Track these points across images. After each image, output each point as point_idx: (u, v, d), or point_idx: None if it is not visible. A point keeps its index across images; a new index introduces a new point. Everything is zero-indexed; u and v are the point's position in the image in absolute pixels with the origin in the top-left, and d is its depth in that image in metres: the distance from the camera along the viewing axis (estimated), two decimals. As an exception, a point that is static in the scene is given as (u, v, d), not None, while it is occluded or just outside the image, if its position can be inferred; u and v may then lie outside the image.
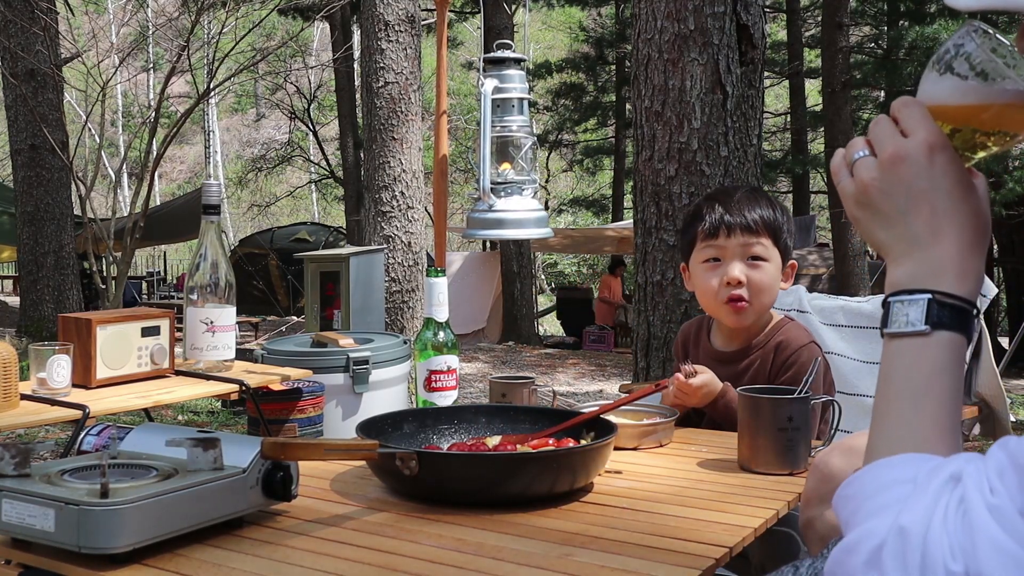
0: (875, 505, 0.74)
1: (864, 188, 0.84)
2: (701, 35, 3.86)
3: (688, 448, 1.70)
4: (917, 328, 0.80)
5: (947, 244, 0.81)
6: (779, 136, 19.31)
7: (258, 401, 2.15)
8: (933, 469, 0.73)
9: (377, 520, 1.27)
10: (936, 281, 0.81)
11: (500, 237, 2.18)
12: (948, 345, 0.80)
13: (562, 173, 25.19)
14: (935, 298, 0.80)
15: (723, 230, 1.92)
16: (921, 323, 0.80)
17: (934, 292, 0.80)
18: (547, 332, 16.80)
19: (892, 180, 0.83)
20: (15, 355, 1.89)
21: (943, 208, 0.81)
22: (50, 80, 9.89)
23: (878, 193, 0.84)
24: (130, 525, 1.07)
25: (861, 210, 0.85)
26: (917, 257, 0.82)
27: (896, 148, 0.83)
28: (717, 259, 1.94)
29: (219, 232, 2.13)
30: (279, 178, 28.42)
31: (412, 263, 6.89)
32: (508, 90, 2.13)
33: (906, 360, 0.81)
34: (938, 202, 0.81)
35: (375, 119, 6.88)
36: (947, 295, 0.80)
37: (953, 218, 0.81)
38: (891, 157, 0.83)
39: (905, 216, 0.82)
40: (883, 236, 0.84)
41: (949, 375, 0.80)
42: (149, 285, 17.06)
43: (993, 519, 0.65)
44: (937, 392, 0.80)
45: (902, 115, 0.84)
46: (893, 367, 0.82)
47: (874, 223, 0.85)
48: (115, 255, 7.45)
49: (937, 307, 0.80)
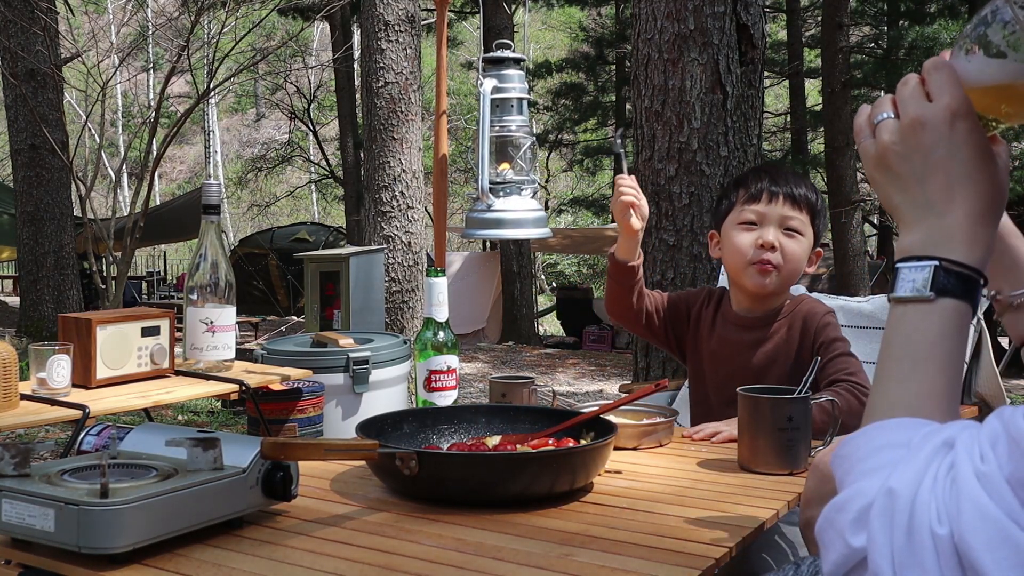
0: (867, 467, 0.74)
1: (884, 150, 0.85)
2: (701, 35, 3.86)
3: (688, 448, 1.71)
4: (922, 294, 0.81)
5: (959, 212, 0.81)
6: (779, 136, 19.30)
7: (258, 401, 2.16)
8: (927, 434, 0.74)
9: (377, 520, 1.27)
10: (945, 248, 0.81)
11: (498, 237, 2.18)
12: (952, 312, 0.81)
13: (562, 173, 25.18)
14: (942, 265, 0.81)
15: (767, 195, 1.96)
16: (927, 289, 0.80)
17: (942, 259, 0.81)
18: (547, 332, 16.80)
19: (911, 145, 0.83)
20: (15, 355, 1.89)
21: (959, 176, 0.81)
22: (50, 80, 9.89)
23: (896, 157, 0.84)
24: (130, 525, 1.07)
25: (879, 172, 0.86)
26: (928, 224, 0.82)
27: (918, 113, 0.83)
28: (754, 223, 1.97)
29: (219, 232, 2.13)
30: (279, 178, 28.42)
31: (412, 263, 6.89)
32: (507, 90, 2.13)
33: (909, 325, 0.82)
34: (954, 169, 0.81)
35: (375, 119, 6.88)
36: (954, 263, 0.81)
37: (968, 187, 0.82)
38: (912, 122, 0.83)
39: (921, 182, 0.83)
40: (898, 200, 0.85)
41: (952, 341, 0.81)
42: (149, 285, 17.05)
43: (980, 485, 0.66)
44: (938, 358, 0.80)
45: (931, 78, 0.83)
46: (896, 331, 0.83)
47: (891, 186, 0.85)
48: (115, 255, 7.45)
49: (943, 274, 0.80)
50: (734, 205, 2.01)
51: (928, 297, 0.80)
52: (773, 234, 1.95)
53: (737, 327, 2.01)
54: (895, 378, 0.81)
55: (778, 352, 1.95)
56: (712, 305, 2.08)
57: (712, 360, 2.03)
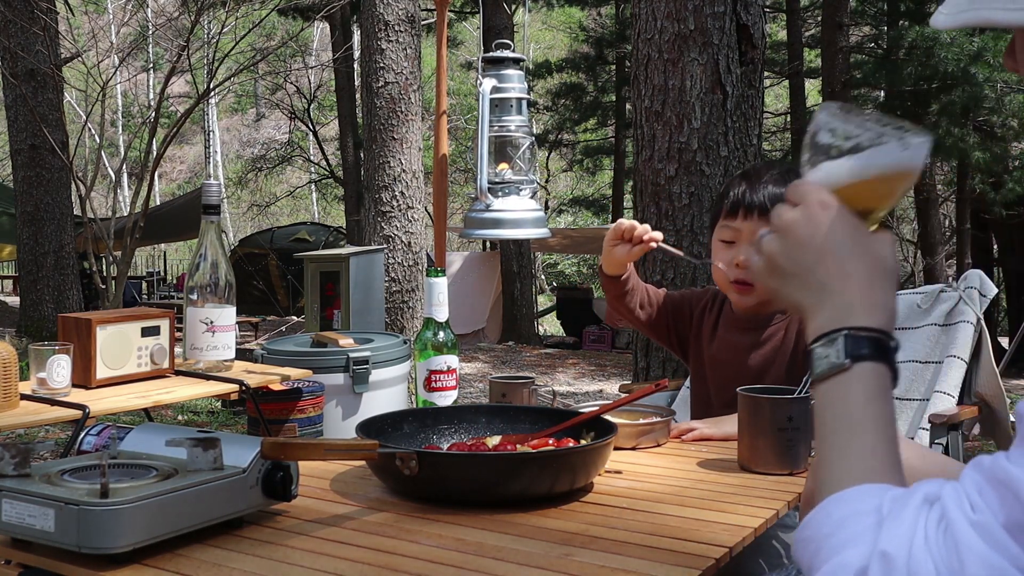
0: (838, 541, 0.74)
1: (772, 258, 0.89)
2: (701, 35, 3.86)
3: (688, 448, 1.71)
4: (838, 364, 0.83)
5: (854, 286, 0.85)
6: (779, 136, 19.29)
7: (258, 401, 2.16)
8: (897, 497, 0.74)
9: (377, 520, 1.27)
10: (849, 319, 0.84)
11: (497, 237, 2.18)
12: (872, 375, 0.83)
13: (562, 173, 25.18)
14: (850, 333, 0.83)
15: (742, 210, 1.92)
16: (841, 358, 0.83)
17: (848, 328, 0.84)
18: (547, 332, 16.80)
19: (793, 243, 0.88)
20: (15, 355, 1.89)
21: (844, 254, 0.86)
22: (50, 80, 9.89)
23: (784, 259, 0.89)
24: (130, 525, 1.07)
25: (775, 279, 0.90)
26: (829, 304, 0.86)
27: (790, 216, 0.88)
28: (732, 241, 1.95)
29: (219, 232, 2.13)
30: (279, 178, 28.42)
31: (412, 263, 6.89)
32: (507, 90, 2.13)
33: (835, 398, 0.83)
34: (838, 250, 0.86)
35: (375, 119, 6.88)
36: (860, 328, 0.84)
37: (855, 261, 0.86)
38: (787, 224, 0.88)
39: (812, 271, 0.87)
40: (798, 296, 0.88)
41: (879, 403, 0.82)
42: (149, 285, 17.05)
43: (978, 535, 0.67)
44: (871, 422, 0.82)
45: (792, 193, 0.90)
46: (826, 409, 0.84)
47: (788, 286, 0.89)
48: (115, 255, 7.45)
49: (853, 340, 0.83)
50: (719, 217, 2.00)
51: (845, 365, 0.82)
52: (746, 253, 1.92)
53: (738, 330, 2.01)
54: (836, 452, 0.82)
55: (777, 354, 1.96)
56: (715, 308, 2.08)
57: (713, 362, 2.04)
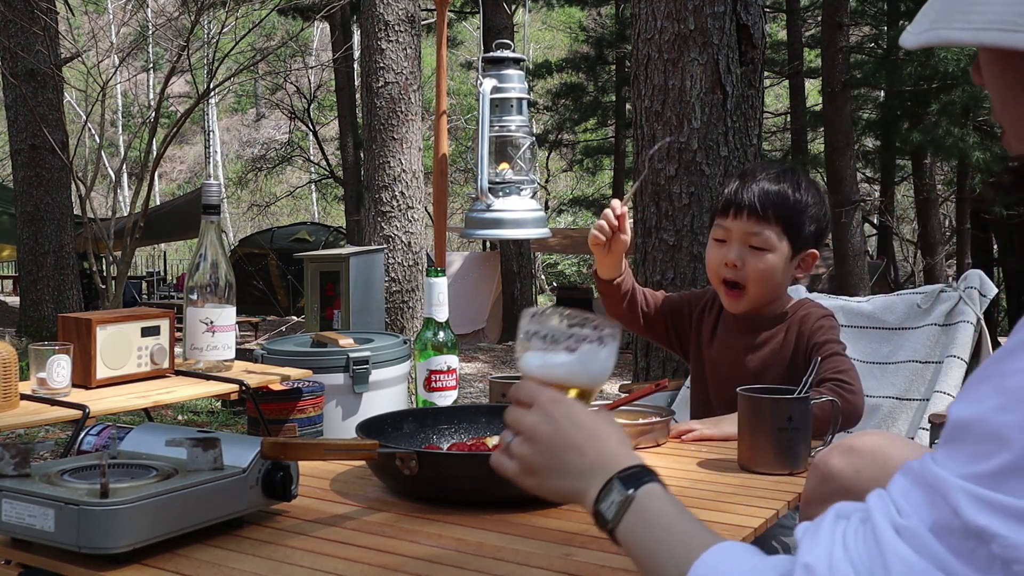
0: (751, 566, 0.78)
1: (525, 460, 0.97)
2: (701, 35, 3.86)
3: (688, 448, 1.70)
4: (623, 498, 0.90)
5: (604, 448, 0.95)
6: (779, 136, 19.30)
7: (258, 401, 2.16)
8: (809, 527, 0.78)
9: (377, 520, 1.27)
10: (614, 469, 0.92)
11: (498, 237, 2.18)
12: (654, 490, 0.90)
13: (562, 173, 25.18)
14: (620, 475, 0.91)
15: (733, 209, 1.91)
16: (624, 493, 0.90)
17: (616, 473, 0.92)
18: (547, 332, 16.76)
19: (541, 443, 0.96)
20: (15, 355, 1.89)
21: (587, 434, 0.96)
22: (50, 80, 9.88)
23: (538, 458, 0.97)
24: (130, 525, 1.07)
25: (534, 477, 0.98)
26: (590, 473, 0.93)
27: (530, 420, 0.98)
28: (723, 240, 1.94)
29: (219, 232, 2.13)
30: (279, 178, 28.41)
31: (412, 263, 6.89)
32: (507, 90, 2.13)
33: (639, 525, 0.89)
34: (582, 434, 0.96)
35: (375, 119, 6.88)
36: (625, 469, 0.92)
37: (599, 430, 0.96)
38: (529, 427, 0.97)
39: (565, 457, 0.95)
40: (562, 484, 0.96)
41: (672, 504, 0.89)
42: (149, 285, 17.05)
43: (902, 539, 0.69)
44: (679, 521, 0.88)
45: (519, 396, 1.00)
46: (636, 542, 0.89)
47: (550, 480, 0.97)
48: (115, 255, 7.45)
49: (625, 479, 0.91)
50: (715, 215, 1.99)
51: (630, 496, 0.89)
52: (736, 252, 1.91)
53: (736, 331, 2.00)
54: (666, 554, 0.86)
55: (775, 356, 1.95)
56: (714, 309, 2.08)
57: (713, 363, 2.03)
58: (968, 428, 0.69)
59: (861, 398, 1.80)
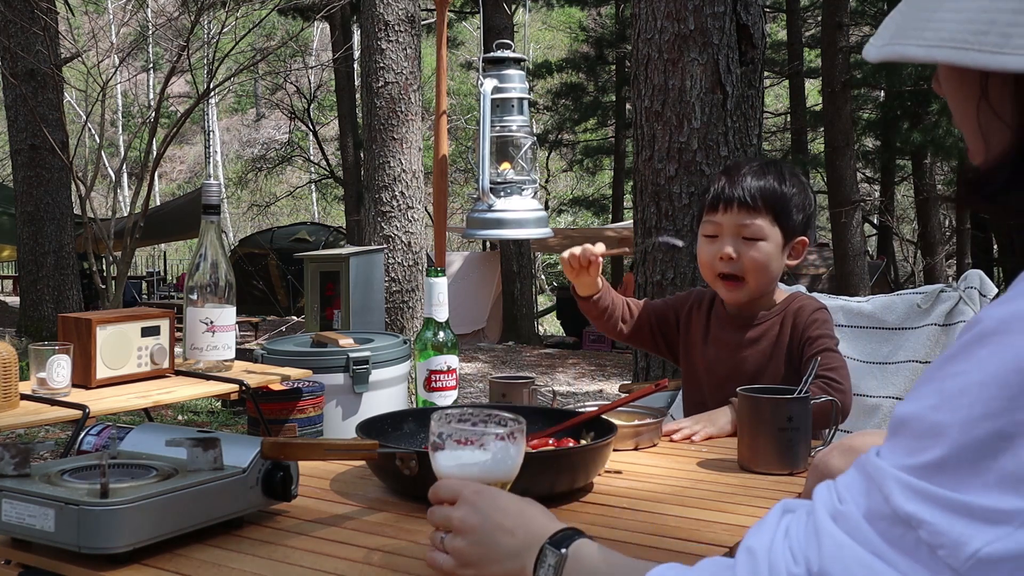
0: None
1: (460, 553, 1.01)
2: (701, 35, 3.86)
3: (688, 448, 1.70)
4: (558, 559, 0.95)
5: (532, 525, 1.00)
6: (779, 136, 19.30)
7: (258, 401, 2.16)
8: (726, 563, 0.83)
9: (377, 520, 1.27)
10: (543, 537, 0.98)
11: (499, 237, 2.18)
12: (585, 543, 0.97)
13: (562, 173, 25.18)
14: (551, 540, 0.97)
15: (722, 204, 1.93)
16: (557, 553, 0.95)
17: (546, 540, 0.97)
18: (547, 332, 16.80)
19: (472, 534, 1.01)
20: (15, 355, 1.89)
21: (514, 514, 1.01)
22: (50, 80, 9.89)
23: (471, 547, 1.01)
24: (130, 525, 1.07)
25: (472, 568, 1.01)
26: (524, 550, 0.98)
27: (458, 514, 1.02)
28: (715, 235, 1.96)
29: (219, 232, 2.13)
30: (279, 178, 28.41)
31: (412, 263, 6.89)
32: (508, 90, 2.13)
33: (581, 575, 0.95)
34: (507, 516, 1.01)
35: (375, 119, 6.88)
36: (555, 534, 0.98)
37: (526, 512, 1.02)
38: (459, 521, 1.02)
39: (498, 542, 1.00)
40: (500, 568, 1.00)
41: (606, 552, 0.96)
42: (149, 285, 17.06)
43: (836, 523, 0.74)
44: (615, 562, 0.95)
45: (441, 495, 1.05)
46: None
47: (488, 567, 1.00)
48: (115, 255, 7.45)
49: (554, 543, 0.97)
50: (703, 212, 2.00)
51: (563, 555, 0.95)
52: (731, 245, 1.92)
53: (732, 327, 2.00)
54: None
55: (770, 349, 1.96)
56: (704, 308, 2.08)
57: (708, 362, 2.03)
58: (907, 424, 0.73)
59: (850, 396, 1.84)
